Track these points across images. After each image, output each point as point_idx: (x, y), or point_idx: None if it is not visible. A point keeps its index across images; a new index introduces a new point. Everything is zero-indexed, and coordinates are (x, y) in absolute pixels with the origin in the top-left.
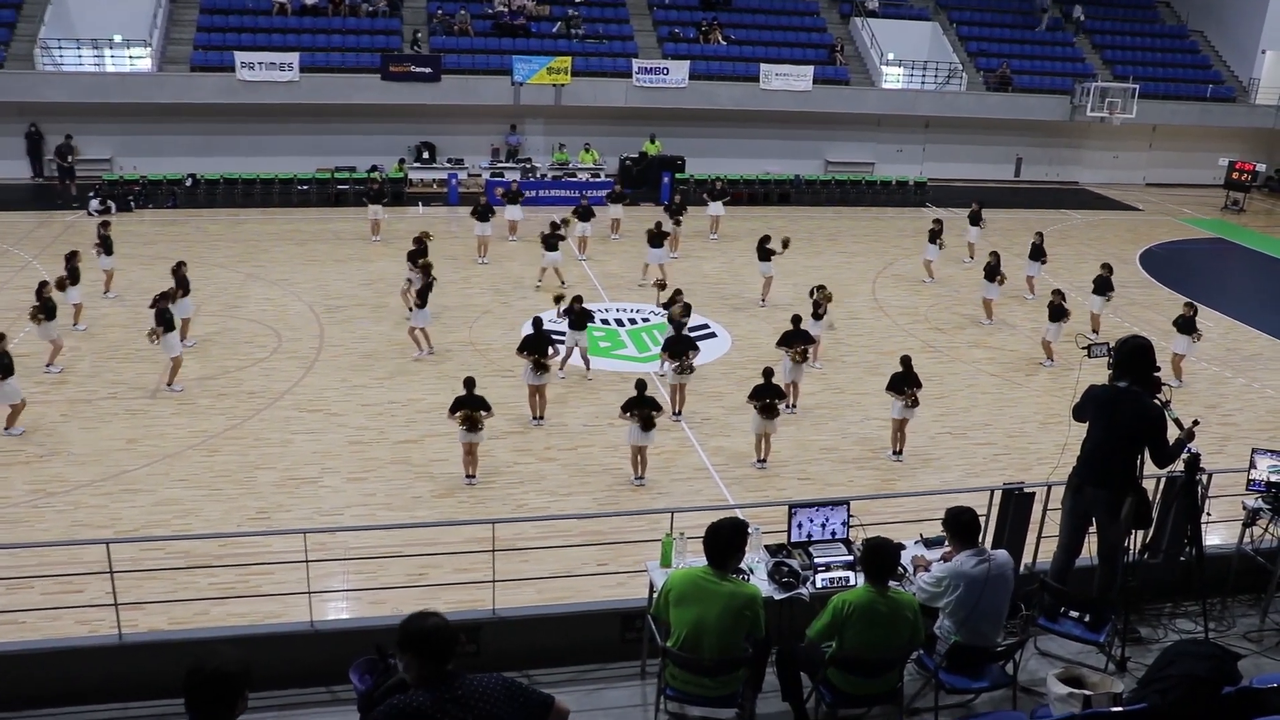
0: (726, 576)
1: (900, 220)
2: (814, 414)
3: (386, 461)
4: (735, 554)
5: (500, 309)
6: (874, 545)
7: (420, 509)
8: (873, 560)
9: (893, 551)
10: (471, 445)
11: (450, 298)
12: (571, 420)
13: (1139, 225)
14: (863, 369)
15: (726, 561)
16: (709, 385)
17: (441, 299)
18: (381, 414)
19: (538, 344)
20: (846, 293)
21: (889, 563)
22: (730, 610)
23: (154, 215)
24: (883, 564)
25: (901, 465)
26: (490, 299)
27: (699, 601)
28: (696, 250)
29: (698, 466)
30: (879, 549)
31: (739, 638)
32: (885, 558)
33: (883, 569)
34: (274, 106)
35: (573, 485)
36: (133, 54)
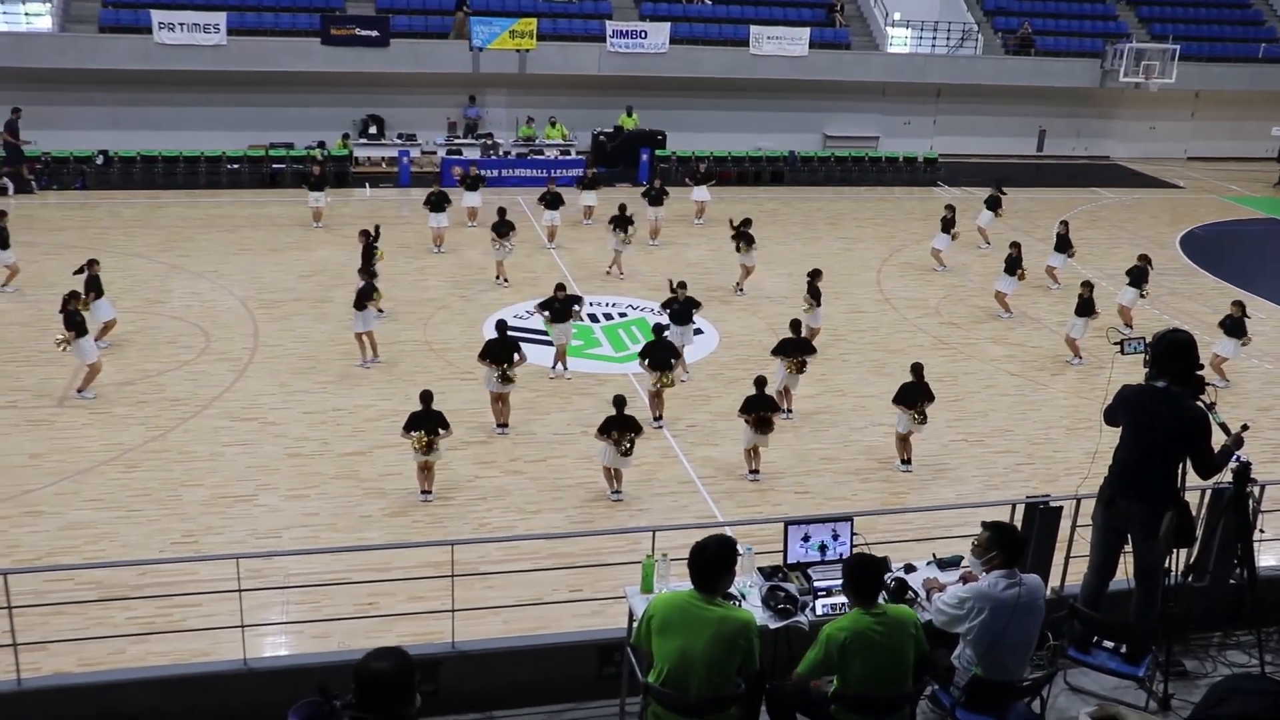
0: (715, 601)
1: (908, 201)
2: (813, 419)
3: (331, 476)
4: (724, 575)
5: (459, 304)
6: (853, 563)
7: (369, 530)
8: (854, 579)
9: (875, 566)
10: (428, 461)
11: (402, 291)
12: (540, 429)
13: (1179, 205)
14: (867, 368)
15: (715, 584)
16: (695, 388)
17: (392, 292)
18: (325, 423)
19: (501, 352)
20: (849, 283)
21: (872, 578)
22: (721, 639)
23: (59, 198)
24: (865, 580)
25: (911, 477)
26: (447, 293)
27: (685, 629)
28: (679, 237)
29: (682, 479)
30: (858, 565)
31: (730, 671)
32: (867, 573)
33: (866, 586)
34: (198, 74)
35: (542, 501)
36: (29, 10)
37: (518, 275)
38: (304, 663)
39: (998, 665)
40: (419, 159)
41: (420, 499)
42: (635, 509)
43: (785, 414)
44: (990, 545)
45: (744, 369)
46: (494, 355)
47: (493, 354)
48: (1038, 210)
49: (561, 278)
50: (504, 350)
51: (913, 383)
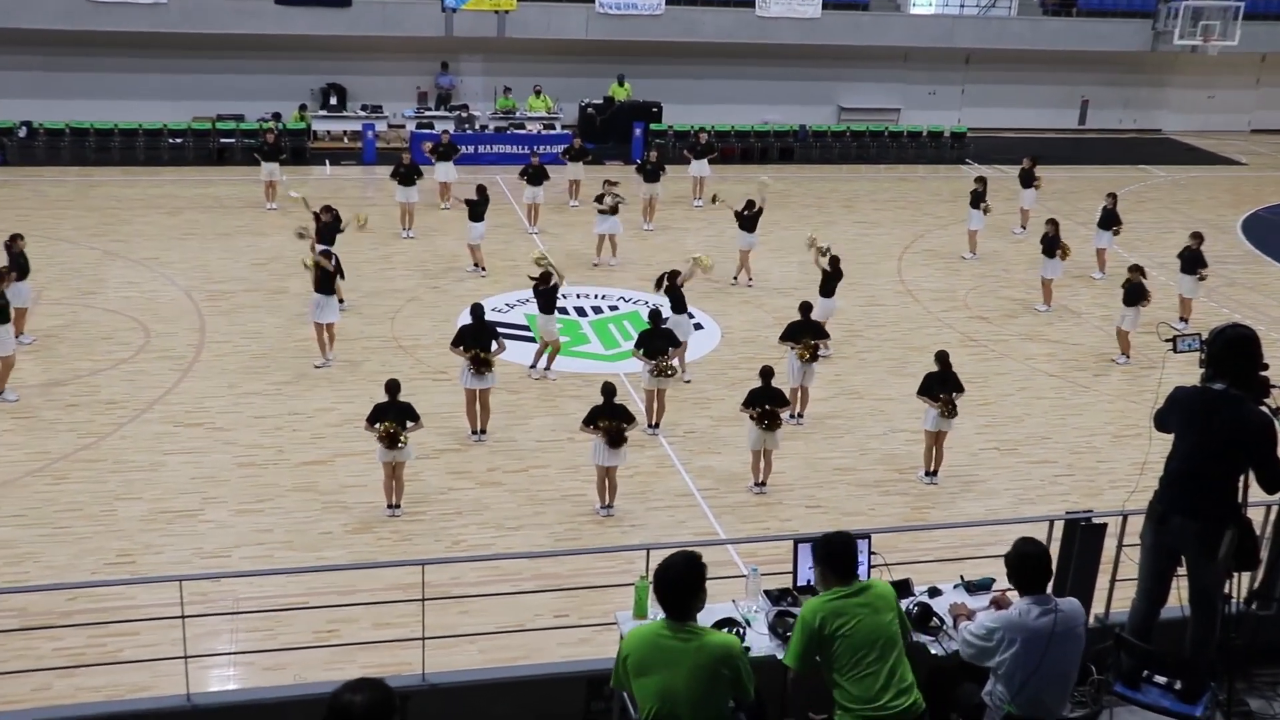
0: (689, 628)
1: (933, 181)
2: (826, 425)
3: (286, 489)
4: (696, 596)
5: (430, 295)
6: (824, 540)
7: (330, 548)
8: (828, 556)
9: (846, 541)
10: (395, 467)
11: (367, 281)
12: (522, 435)
13: (1241, 183)
14: (886, 368)
15: (687, 607)
16: (694, 390)
17: (356, 283)
18: (280, 429)
19: (479, 337)
20: (866, 272)
21: (845, 551)
22: (701, 671)
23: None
24: (835, 553)
25: (936, 489)
26: (417, 283)
27: (662, 666)
28: (677, 220)
29: (680, 492)
30: (828, 541)
31: (721, 704)
32: (839, 548)
33: (840, 559)
34: (136, 36)
35: (523, 517)
36: None
37: (496, 263)
38: (255, 698)
39: (1034, 702)
40: (385, 133)
41: (387, 513)
42: (628, 525)
43: (795, 419)
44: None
45: (749, 368)
46: (469, 341)
47: (468, 340)
48: (1079, 191)
49: (543, 263)
50: (481, 335)
51: (936, 372)
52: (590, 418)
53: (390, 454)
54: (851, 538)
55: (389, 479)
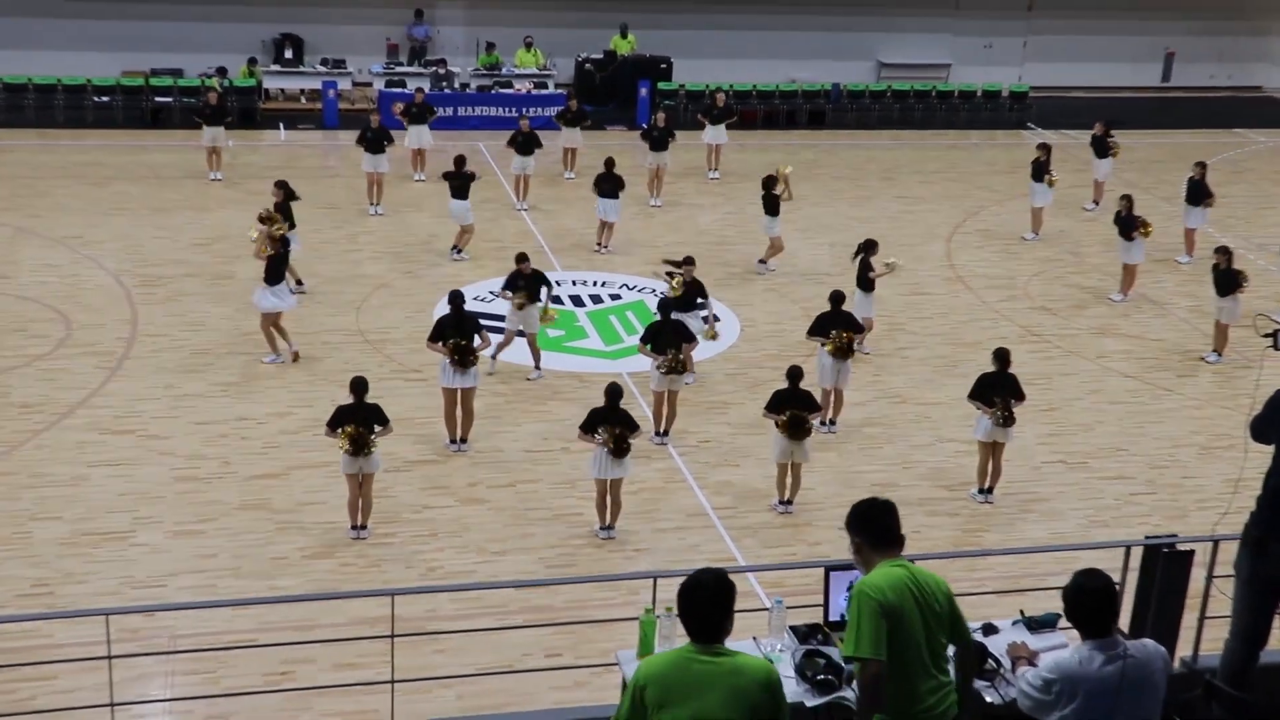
0: (721, 650)
1: (989, 149)
2: (863, 434)
3: (233, 507)
4: (727, 617)
5: (403, 282)
6: (861, 508)
7: (284, 576)
8: (867, 524)
9: (886, 509)
10: (361, 480)
11: (329, 264)
12: (508, 444)
13: None
14: (934, 367)
15: (718, 629)
16: (709, 393)
17: (316, 267)
18: (225, 436)
19: (459, 329)
20: (910, 257)
21: (888, 522)
22: (740, 697)
23: None
24: (877, 523)
25: (992, 510)
26: (387, 267)
27: (692, 694)
28: (688, 195)
29: (692, 511)
30: (868, 508)
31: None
32: (881, 516)
33: (879, 523)
34: None
35: (510, 539)
36: None
37: (480, 245)
38: None
39: None
40: (349, 93)
41: (351, 535)
42: (631, 549)
43: (826, 427)
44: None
45: (773, 367)
46: (448, 334)
47: (445, 333)
48: (1162, 160)
49: (536, 250)
50: (461, 328)
51: (994, 373)
52: (590, 423)
53: (356, 463)
54: (886, 501)
55: (354, 495)
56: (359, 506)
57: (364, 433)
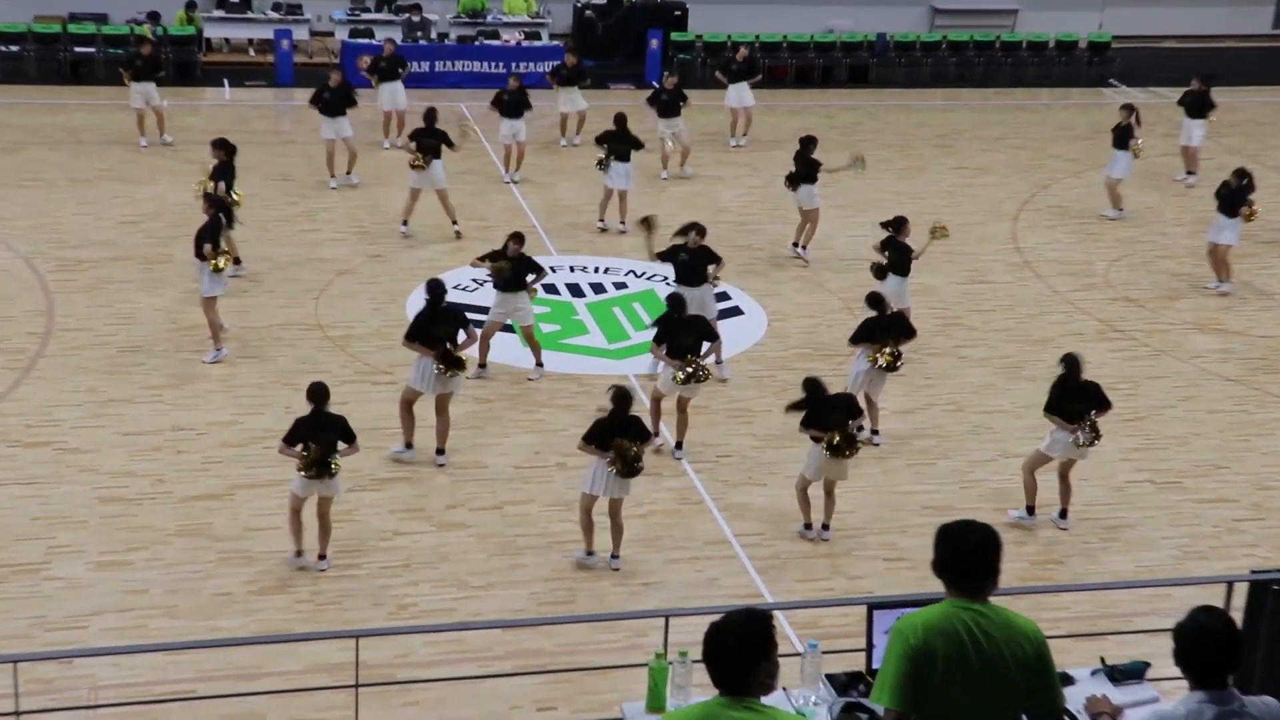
0: (751, 705)
1: (1062, 111)
2: (912, 447)
3: (168, 533)
4: (759, 665)
5: (369, 267)
6: (946, 530)
7: (228, 615)
8: (944, 548)
9: (971, 538)
10: (321, 502)
11: (281, 247)
12: (494, 458)
13: None
14: (996, 369)
15: (747, 680)
16: (730, 399)
17: (266, 249)
18: (159, 449)
19: (443, 325)
20: (969, 237)
21: (978, 548)
22: None
23: None
24: (961, 549)
25: (1067, 537)
26: (350, 250)
27: None
28: (708, 166)
29: (711, 538)
30: (954, 532)
31: None
32: (963, 543)
33: (966, 558)
34: None
35: (496, 571)
36: None
37: (462, 224)
38: None
39: None
40: (307, 44)
41: (293, 562)
42: (638, 583)
43: (868, 437)
44: (1180, 668)
45: (803, 369)
46: (428, 332)
47: (425, 332)
48: (1272, 122)
49: (524, 227)
50: (444, 323)
51: (1065, 378)
52: (597, 434)
53: (312, 486)
54: (993, 532)
55: (296, 521)
56: (320, 534)
57: (325, 454)
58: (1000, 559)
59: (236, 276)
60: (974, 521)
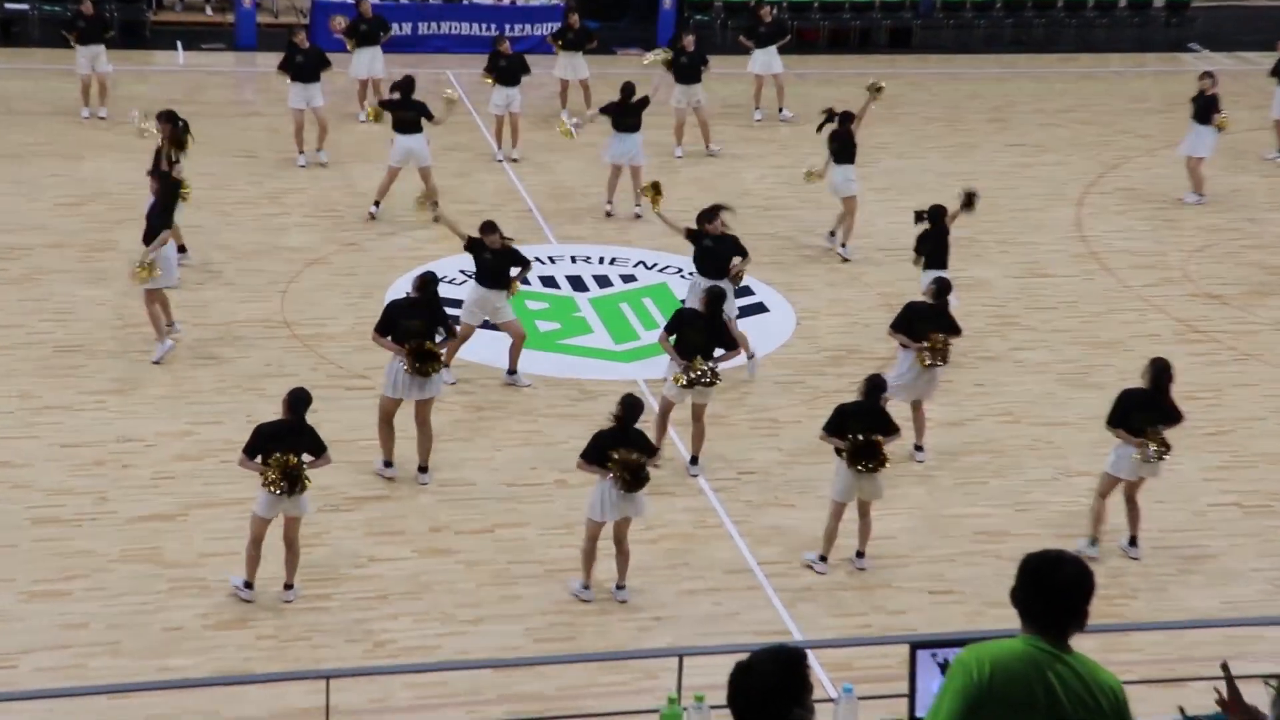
0: None
1: (1135, 78)
2: (960, 464)
3: (111, 559)
4: (789, 710)
5: (342, 256)
6: (1030, 561)
7: (180, 653)
8: (1026, 581)
9: (1075, 570)
10: (288, 524)
11: (244, 233)
12: (484, 475)
13: None
14: (1057, 376)
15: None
16: (753, 407)
17: (226, 236)
18: (102, 463)
19: (419, 319)
20: (1027, 224)
21: (1065, 586)
22: None
23: None
24: (1046, 585)
25: (1139, 568)
26: (321, 237)
27: None
28: (730, 142)
29: (731, 566)
30: (1038, 563)
31: None
32: (1049, 578)
33: (1049, 596)
34: None
35: (486, 603)
36: None
37: (449, 207)
38: None
39: None
40: (272, 1)
41: (244, 594)
42: (647, 617)
43: (910, 453)
44: None
45: (838, 374)
46: (409, 329)
47: (395, 325)
48: None
49: (523, 214)
50: (420, 317)
51: (1146, 391)
52: (597, 450)
53: (279, 505)
54: (1086, 570)
55: (258, 538)
56: (287, 561)
57: (295, 467)
58: (1091, 600)
59: (184, 266)
60: (1066, 555)
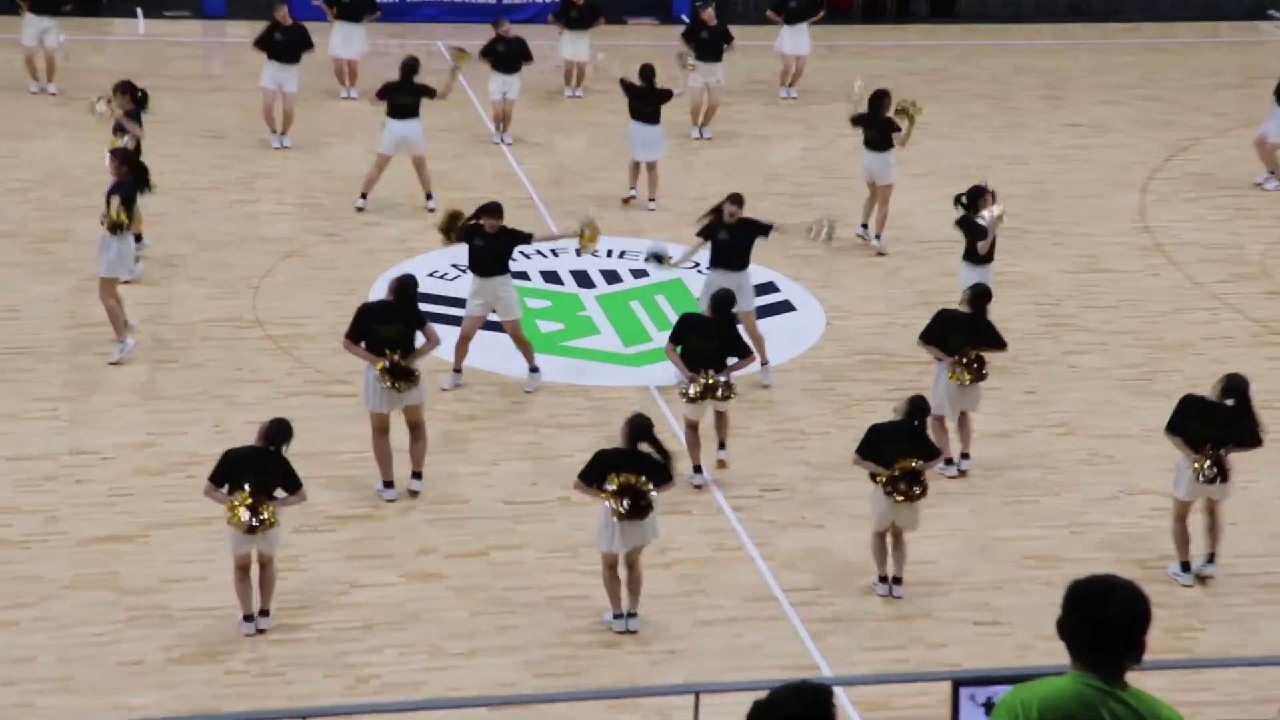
0: None
1: (1207, 51)
2: (1009, 480)
3: (63, 585)
4: None
5: (322, 248)
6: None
7: (139, 689)
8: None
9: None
10: (261, 558)
11: (213, 223)
12: (479, 491)
13: None
14: (1116, 383)
15: None
16: (777, 417)
17: (191, 224)
18: (53, 479)
19: (394, 323)
20: (1084, 213)
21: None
22: None
23: None
24: (1090, 615)
25: (1211, 599)
26: (298, 227)
27: None
28: (755, 123)
29: (753, 593)
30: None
31: None
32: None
33: (1097, 630)
34: None
35: (480, 634)
36: None
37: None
38: None
39: None
40: None
41: (243, 630)
42: (660, 649)
43: (947, 467)
44: None
45: (872, 380)
46: (378, 338)
47: (368, 330)
48: None
49: (519, 199)
50: (396, 322)
51: (1210, 402)
52: (596, 471)
53: (249, 542)
54: (1141, 596)
55: (259, 574)
56: (261, 586)
57: (261, 503)
58: (1148, 630)
59: (144, 258)
60: (1118, 581)
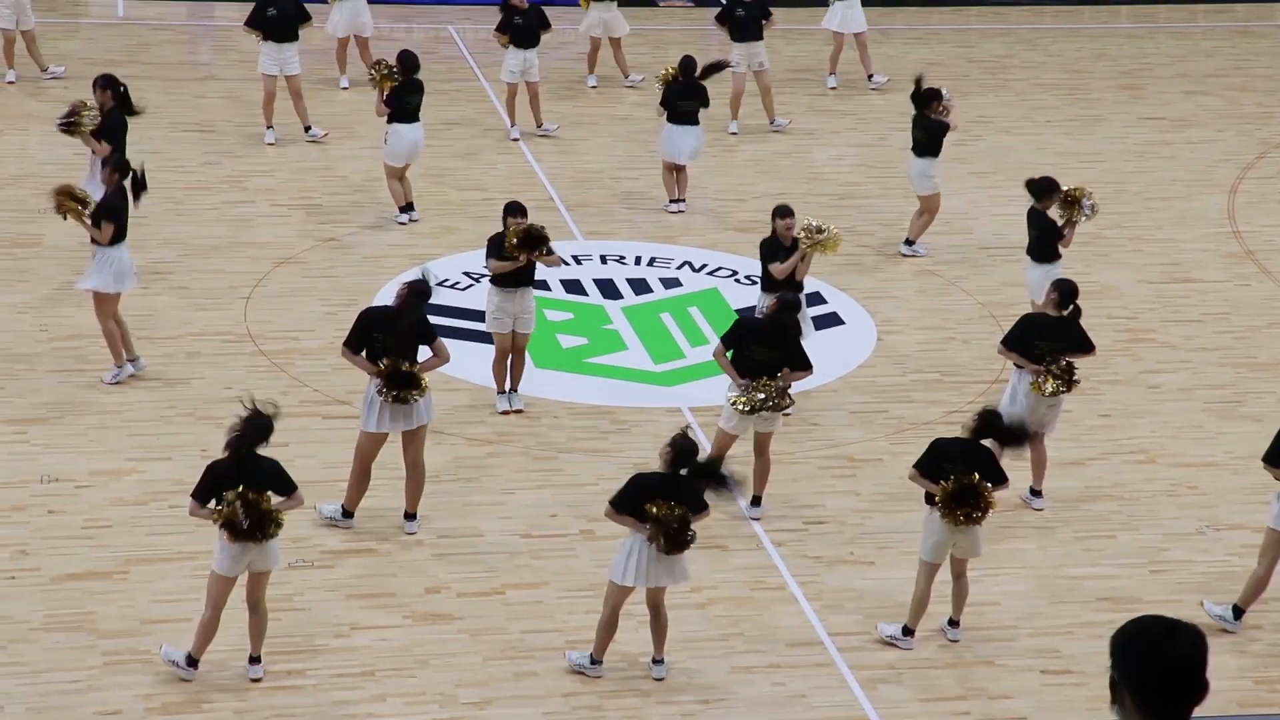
0: None
1: None
2: (1081, 513)
3: (33, 627)
4: None
5: (318, 255)
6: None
7: None
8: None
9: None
10: (252, 582)
11: (199, 226)
12: (492, 524)
13: None
14: (1202, 406)
15: None
16: (822, 442)
17: (176, 228)
18: (23, 509)
19: (397, 333)
20: (1166, 215)
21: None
22: None
23: None
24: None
25: None
26: (295, 231)
27: None
28: (799, 114)
29: (796, 638)
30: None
31: None
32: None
33: (1159, 677)
34: None
35: (495, 681)
36: None
37: (449, 193)
38: None
39: None
40: None
41: (188, 674)
42: (692, 700)
43: (1035, 499)
44: None
45: (929, 401)
46: (379, 348)
47: (368, 338)
48: None
49: (537, 201)
50: (399, 331)
51: None
52: (632, 496)
53: (243, 557)
54: (1200, 637)
55: (219, 602)
56: (252, 629)
57: (258, 501)
58: (1207, 669)
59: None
60: (1173, 623)
